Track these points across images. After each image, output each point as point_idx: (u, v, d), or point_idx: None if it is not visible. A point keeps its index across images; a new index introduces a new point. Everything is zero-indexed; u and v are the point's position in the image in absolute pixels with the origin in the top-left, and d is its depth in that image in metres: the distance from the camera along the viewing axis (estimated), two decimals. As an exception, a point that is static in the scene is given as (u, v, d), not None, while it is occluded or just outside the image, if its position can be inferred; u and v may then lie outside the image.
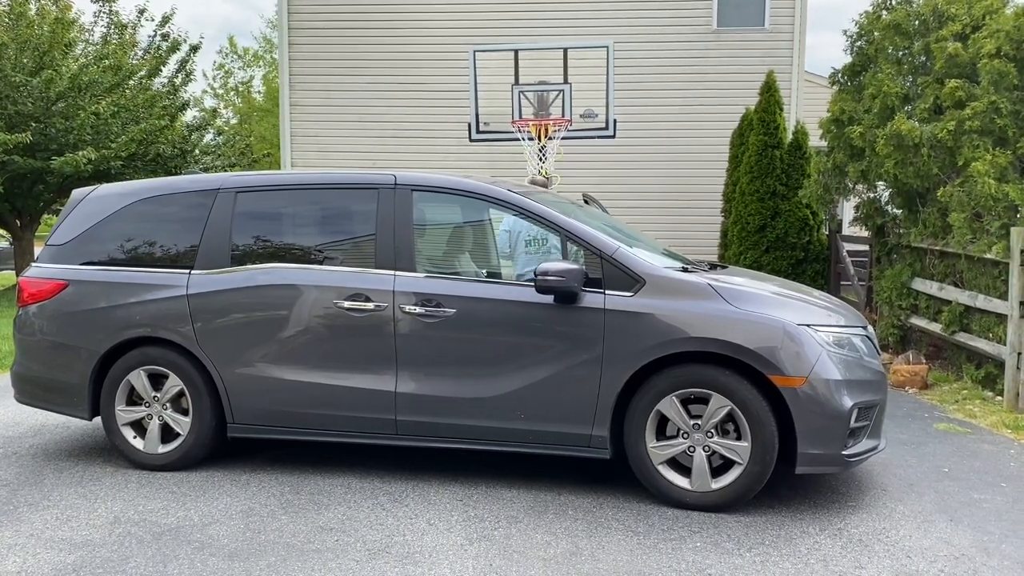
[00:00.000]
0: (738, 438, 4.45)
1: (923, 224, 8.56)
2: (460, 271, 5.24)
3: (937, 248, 8.36)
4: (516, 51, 10.90)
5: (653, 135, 13.54)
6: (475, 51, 10.81)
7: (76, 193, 5.71)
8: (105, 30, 17.77)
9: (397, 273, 4.89)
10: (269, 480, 5.05)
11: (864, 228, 10.02)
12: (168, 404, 5.22)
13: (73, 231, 5.51)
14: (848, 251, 11.18)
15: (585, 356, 4.59)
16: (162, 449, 5.22)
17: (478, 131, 10.92)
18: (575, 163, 12.33)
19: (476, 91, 10.76)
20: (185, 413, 5.20)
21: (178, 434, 5.20)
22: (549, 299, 4.62)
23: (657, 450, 4.55)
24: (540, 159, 10.38)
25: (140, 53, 18.42)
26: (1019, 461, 5.53)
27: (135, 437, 5.27)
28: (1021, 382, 6.76)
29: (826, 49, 39.73)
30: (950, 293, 8.07)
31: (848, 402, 4.36)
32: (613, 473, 5.04)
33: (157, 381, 5.24)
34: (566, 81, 10.63)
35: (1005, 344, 6.98)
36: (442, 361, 4.81)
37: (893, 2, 9.52)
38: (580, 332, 4.60)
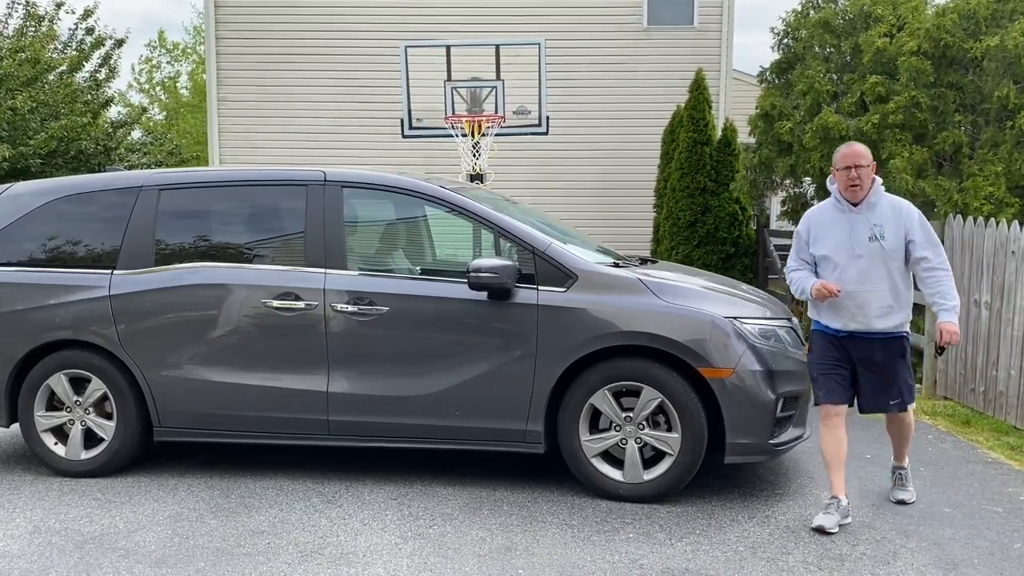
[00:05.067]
0: (669, 429, 4.52)
1: (847, 218, 8.80)
2: (393, 268, 5.20)
3: (860, 241, 8.60)
4: (448, 47, 10.85)
5: (586, 132, 13.64)
6: (407, 47, 10.74)
7: (-10, 191, 5.49)
8: (21, 22, 17.10)
9: (328, 271, 4.83)
10: (198, 484, 4.94)
11: (791, 222, 10.27)
12: (91, 409, 5.06)
13: (-12, 230, 5.30)
14: (776, 245, 11.44)
15: (519, 352, 4.60)
16: (85, 455, 5.06)
17: (411, 127, 10.85)
18: (509, 160, 12.33)
19: (408, 87, 10.69)
20: (109, 417, 5.04)
21: (102, 439, 5.04)
22: (483, 296, 4.62)
23: (590, 443, 4.60)
24: (474, 155, 10.37)
25: (60, 47, 17.79)
26: (936, 446, 5.74)
27: (56, 444, 5.09)
28: (938, 370, 7.02)
29: (753, 48, 40.61)
30: (872, 285, 8.31)
31: (774, 392, 4.47)
32: (547, 467, 5.07)
33: (79, 385, 5.08)
34: (499, 78, 10.64)
35: (924, 333, 7.24)
36: (375, 360, 4.77)
37: (820, 1, 9.77)
38: (514, 328, 4.61)
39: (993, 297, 6.29)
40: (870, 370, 4.29)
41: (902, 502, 4.59)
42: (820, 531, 4.16)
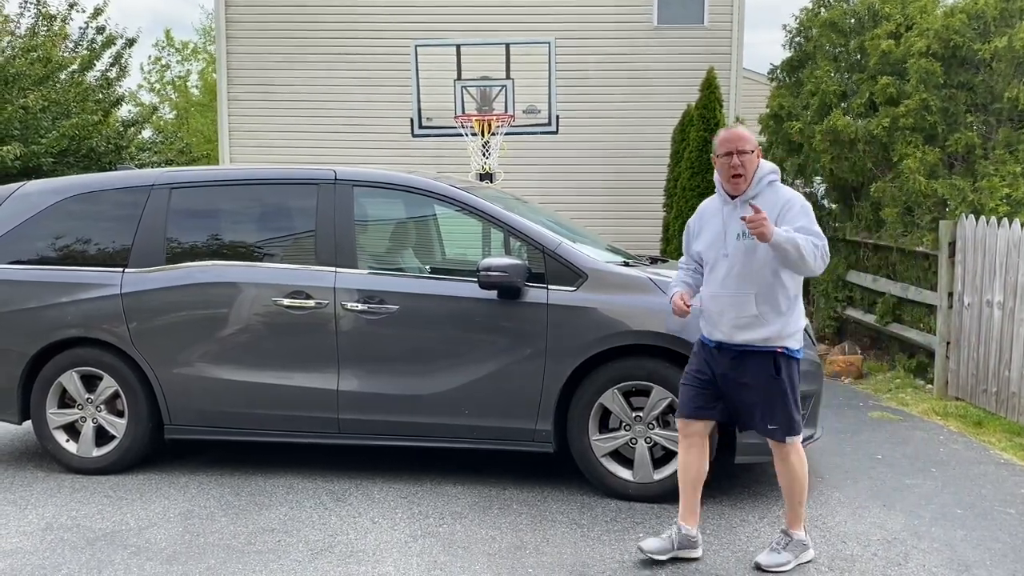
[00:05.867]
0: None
1: (857, 218, 8.79)
2: (403, 267, 5.21)
3: (871, 241, 8.58)
4: (458, 46, 10.84)
5: (596, 131, 13.61)
6: (416, 46, 10.73)
7: (2, 190, 5.53)
8: (33, 21, 17.18)
9: (338, 270, 4.84)
10: (209, 482, 4.95)
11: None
12: (102, 406, 5.08)
13: (0, 229, 5.33)
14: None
15: (529, 351, 4.60)
16: (96, 452, 5.08)
17: (420, 126, 10.84)
18: (519, 159, 12.33)
19: (418, 86, 10.68)
20: (120, 415, 5.07)
21: (113, 436, 5.07)
22: (492, 295, 4.62)
23: (600, 443, 4.59)
24: (484, 155, 10.36)
25: (72, 46, 17.87)
26: (948, 447, 5.71)
27: (68, 441, 5.12)
28: (950, 371, 6.98)
29: (763, 46, 40.49)
30: (883, 285, 8.30)
31: (785, 392, 4.44)
32: (557, 467, 5.06)
33: (90, 383, 5.10)
34: (508, 77, 10.61)
35: (935, 334, 7.20)
36: (385, 358, 4.77)
37: (831, 0, 9.74)
38: (523, 327, 4.61)
39: (1006, 297, 6.25)
40: (734, 390, 3.68)
41: (758, 566, 3.76)
42: (640, 551, 3.82)
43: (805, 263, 3.43)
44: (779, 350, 3.63)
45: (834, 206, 9.58)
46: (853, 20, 9.21)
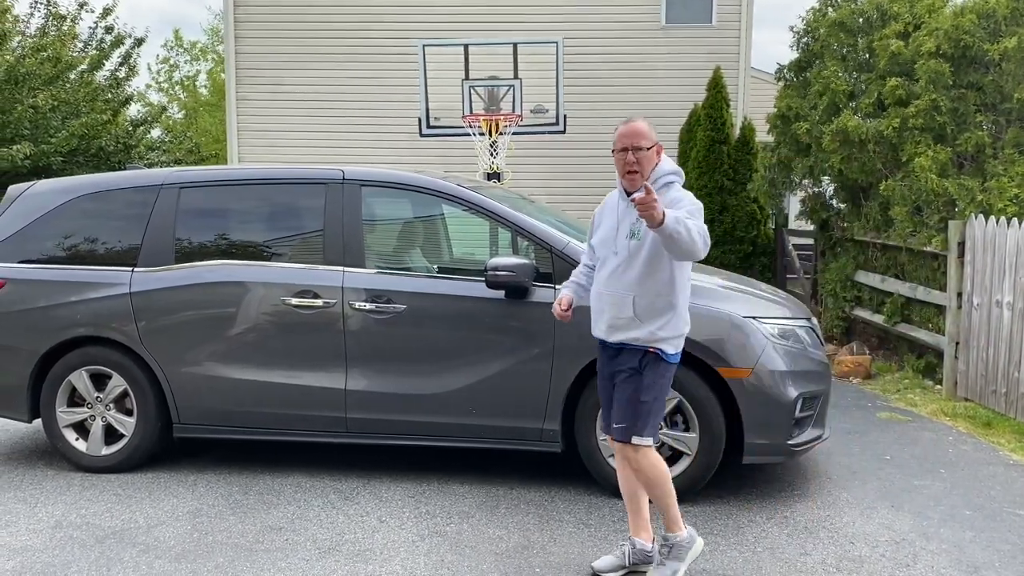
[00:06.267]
0: (686, 429, 4.51)
1: (866, 218, 8.76)
2: (411, 267, 5.22)
3: (879, 241, 8.56)
4: (466, 46, 10.86)
5: (603, 130, 13.59)
6: (424, 45, 10.75)
7: (12, 189, 5.56)
8: (43, 21, 17.27)
9: (346, 269, 4.85)
10: (217, 480, 4.97)
11: (809, 222, 10.22)
12: (111, 405, 5.11)
13: (10, 228, 5.36)
14: (795, 244, 11.39)
15: (536, 350, 4.60)
16: (106, 451, 5.10)
17: (428, 126, 10.87)
18: (526, 159, 12.35)
19: (426, 86, 10.71)
20: (129, 414, 5.09)
21: (122, 435, 5.09)
22: (500, 294, 4.63)
23: (607, 442, 4.58)
24: (491, 154, 10.37)
25: (81, 46, 17.96)
26: (957, 448, 5.69)
27: (77, 439, 5.15)
28: (959, 371, 6.96)
29: (772, 46, 40.42)
30: (892, 285, 8.27)
31: (793, 392, 4.45)
32: (564, 466, 5.06)
33: (100, 381, 5.12)
34: (516, 76, 10.63)
35: (944, 334, 7.18)
36: (393, 357, 4.78)
37: (839, 0, 9.71)
38: (531, 327, 4.61)
39: (1016, 297, 6.23)
40: (615, 389, 3.58)
41: None
42: (592, 570, 3.72)
43: (695, 245, 3.15)
44: (651, 350, 3.47)
45: (842, 206, 9.55)
46: (861, 20, 9.17)
